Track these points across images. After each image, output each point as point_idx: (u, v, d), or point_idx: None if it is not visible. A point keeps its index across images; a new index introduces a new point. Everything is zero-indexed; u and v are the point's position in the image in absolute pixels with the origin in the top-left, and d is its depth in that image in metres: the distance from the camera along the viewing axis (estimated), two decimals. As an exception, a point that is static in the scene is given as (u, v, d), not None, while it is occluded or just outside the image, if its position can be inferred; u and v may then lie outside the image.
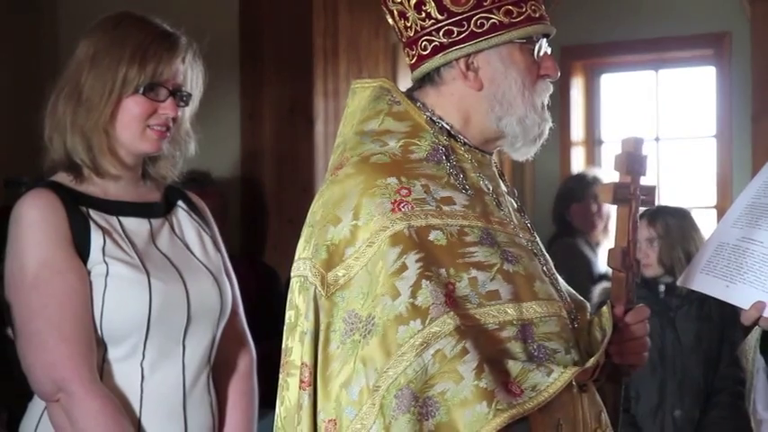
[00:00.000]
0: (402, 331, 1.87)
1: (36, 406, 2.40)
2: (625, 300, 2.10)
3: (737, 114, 5.88)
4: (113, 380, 2.35)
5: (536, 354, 1.95)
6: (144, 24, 2.39)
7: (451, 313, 1.88)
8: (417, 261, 1.91)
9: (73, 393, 2.28)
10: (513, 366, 1.90)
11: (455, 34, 2.04)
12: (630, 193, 2.11)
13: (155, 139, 2.40)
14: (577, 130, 6.47)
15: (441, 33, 2.05)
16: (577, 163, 6.45)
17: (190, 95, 2.43)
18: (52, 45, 5.55)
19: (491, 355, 1.90)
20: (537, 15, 2.05)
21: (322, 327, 1.95)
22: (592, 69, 6.45)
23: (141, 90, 2.36)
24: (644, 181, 2.14)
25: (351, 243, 1.94)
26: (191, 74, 2.42)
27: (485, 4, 2.03)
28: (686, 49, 6.18)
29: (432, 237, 1.94)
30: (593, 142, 6.51)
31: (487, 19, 2.03)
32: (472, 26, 2.03)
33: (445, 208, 1.98)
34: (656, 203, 2.24)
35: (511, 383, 1.89)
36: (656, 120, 6.38)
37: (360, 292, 1.92)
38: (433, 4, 2.04)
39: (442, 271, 1.92)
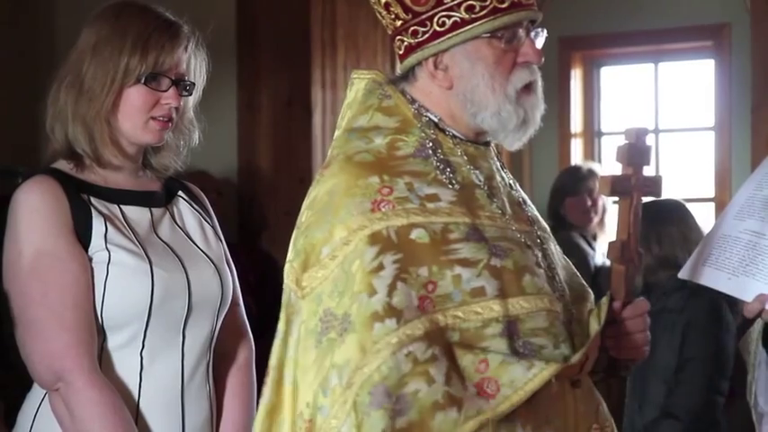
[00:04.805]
0: (378, 328, 1.87)
1: (34, 395, 2.38)
2: (624, 293, 2.09)
3: (737, 106, 5.88)
4: (112, 368, 2.33)
5: (522, 351, 1.94)
6: (146, 13, 2.37)
7: (423, 318, 1.89)
8: (394, 262, 1.90)
9: (72, 383, 2.26)
10: (493, 359, 1.89)
11: (420, 35, 2.03)
12: (632, 186, 2.09)
13: (157, 129, 2.38)
14: (576, 122, 6.46)
15: (409, 33, 2.05)
16: (576, 155, 6.44)
17: (193, 85, 2.41)
18: (49, 34, 5.52)
19: (472, 348, 1.90)
20: (505, 5, 2.01)
21: (300, 327, 1.95)
22: (591, 61, 6.43)
23: (143, 80, 2.34)
24: (647, 172, 2.12)
25: (327, 242, 1.95)
26: (193, 63, 2.40)
27: (446, 1, 2.01)
28: (686, 40, 6.18)
29: (413, 235, 1.93)
30: (591, 134, 6.50)
31: (449, 17, 2.01)
32: (435, 25, 2.02)
33: (429, 205, 1.97)
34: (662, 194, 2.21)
35: (487, 380, 1.88)
36: (655, 112, 6.38)
37: (335, 290, 1.92)
38: (398, 5, 2.04)
39: (423, 270, 1.92)
